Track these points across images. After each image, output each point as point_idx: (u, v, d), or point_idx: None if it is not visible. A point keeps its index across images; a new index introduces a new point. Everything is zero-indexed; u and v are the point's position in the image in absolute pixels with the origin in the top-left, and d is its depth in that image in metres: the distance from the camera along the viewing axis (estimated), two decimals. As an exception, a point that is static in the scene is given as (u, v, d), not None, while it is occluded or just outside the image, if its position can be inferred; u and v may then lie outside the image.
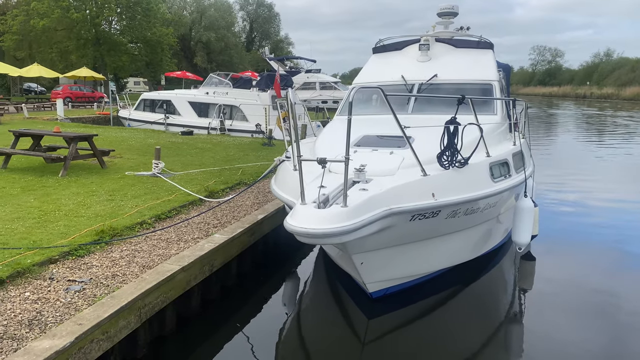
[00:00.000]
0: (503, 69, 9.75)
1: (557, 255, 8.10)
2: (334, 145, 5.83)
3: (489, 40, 9.21)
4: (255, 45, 79.78)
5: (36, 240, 5.58)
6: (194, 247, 5.76)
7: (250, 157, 12.55)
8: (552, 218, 9.81)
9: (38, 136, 10.54)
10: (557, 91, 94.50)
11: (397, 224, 4.93)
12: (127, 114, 22.26)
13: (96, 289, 4.60)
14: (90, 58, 42.83)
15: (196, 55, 66.67)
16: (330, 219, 4.25)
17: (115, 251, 5.60)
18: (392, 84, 8.23)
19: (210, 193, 8.24)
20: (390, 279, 5.87)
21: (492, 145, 6.30)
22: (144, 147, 13.61)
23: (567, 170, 16.13)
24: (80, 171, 9.67)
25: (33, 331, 3.81)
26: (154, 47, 46.83)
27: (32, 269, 4.86)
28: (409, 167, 5.23)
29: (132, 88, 54.77)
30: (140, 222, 6.56)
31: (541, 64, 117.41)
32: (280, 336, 5.43)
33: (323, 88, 37.36)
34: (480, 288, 6.80)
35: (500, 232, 7.63)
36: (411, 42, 9.23)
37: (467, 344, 5.30)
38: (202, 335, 5.35)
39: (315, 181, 4.80)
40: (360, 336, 5.49)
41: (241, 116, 19.15)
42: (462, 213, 5.61)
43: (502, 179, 6.15)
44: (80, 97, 36.32)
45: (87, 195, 7.80)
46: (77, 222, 6.39)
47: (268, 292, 6.55)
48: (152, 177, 9.37)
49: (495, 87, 8.10)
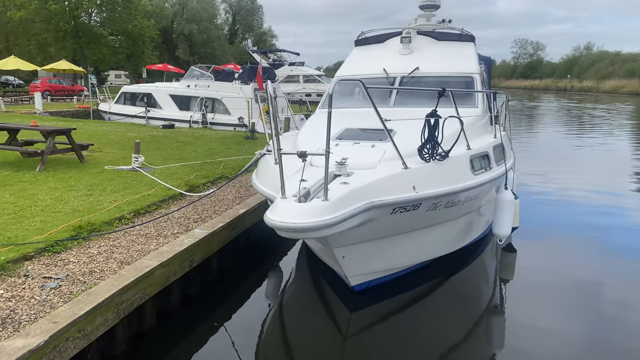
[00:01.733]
0: (484, 61, 9.78)
1: (538, 246, 8.18)
2: (316, 139, 5.79)
3: (470, 33, 9.23)
4: (238, 38, 79.15)
5: (11, 237, 5.45)
6: (173, 243, 5.68)
7: (232, 151, 12.45)
8: (533, 210, 9.90)
9: (14, 130, 10.32)
10: (538, 84, 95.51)
11: (379, 217, 4.92)
12: (107, 107, 21.94)
13: (72, 285, 4.51)
14: (69, 51, 42.06)
15: (178, 48, 65.97)
16: (311, 213, 4.22)
17: (93, 247, 5.50)
18: (374, 76, 8.21)
19: (190, 187, 8.14)
20: (372, 272, 5.87)
21: (473, 138, 6.32)
22: (124, 141, 13.41)
23: (548, 162, 16.32)
24: (58, 166, 9.49)
25: (6, 330, 3.72)
26: (135, 39, 46.15)
27: (6, 266, 4.75)
28: (390, 160, 5.21)
29: (113, 81, 54.02)
30: (119, 217, 6.46)
31: (523, 57, 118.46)
32: (262, 330, 5.40)
33: (307, 81, 37.24)
34: (461, 280, 6.84)
35: (481, 225, 7.68)
36: (393, 34, 9.21)
37: (449, 335, 5.33)
38: (183, 331, 5.29)
39: (296, 175, 4.75)
40: (343, 329, 5.49)
41: (223, 109, 19.00)
42: (443, 206, 5.62)
43: (483, 172, 6.17)
44: (60, 91, 35.68)
45: (65, 190, 7.66)
46: (54, 217, 6.26)
47: (250, 286, 6.50)
48: (132, 171, 9.24)
49: (476, 79, 8.12)
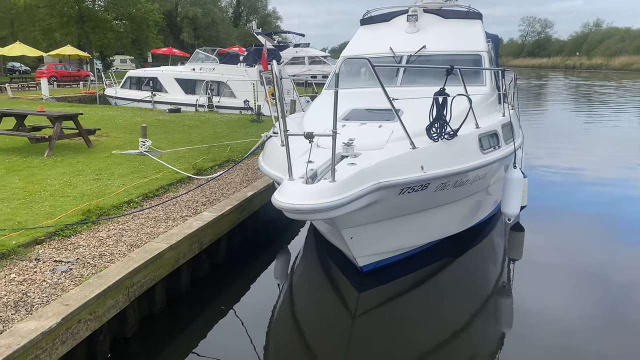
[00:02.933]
0: (492, 39, 9.65)
1: (546, 225, 8.14)
2: (322, 120, 5.75)
3: (477, 11, 9.09)
4: (243, 20, 78.42)
5: (21, 221, 5.50)
6: (182, 225, 5.71)
7: (238, 134, 12.42)
8: (541, 189, 9.85)
9: (21, 116, 10.35)
10: (546, 62, 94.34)
11: (386, 198, 4.90)
12: (113, 92, 21.92)
13: (83, 269, 4.55)
14: (74, 36, 41.85)
15: (183, 31, 65.48)
16: (319, 194, 4.21)
17: (102, 231, 5.54)
18: (380, 55, 8.12)
19: (198, 171, 8.15)
20: (380, 252, 5.87)
21: (481, 117, 6.25)
22: (131, 126, 13.42)
23: (556, 140, 16.19)
24: (66, 151, 9.53)
25: (19, 313, 3.77)
26: (140, 23, 45.83)
27: (18, 250, 4.80)
28: (398, 140, 5.17)
29: (118, 66, 53.83)
30: (128, 201, 6.49)
31: (531, 35, 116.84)
32: (271, 312, 5.43)
33: (312, 62, 36.90)
34: (469, 259, 6.84)
35: (490, 204, 7.65)
36: (399, 13, 9.08)
37: (457, 314, 5.34)
38: (193, 313, 5.34)
39: (303, 156, 4.74)
40: (351, 309, 5.52)
41: (229, 92, 18.93)
42: (452, 185, 5.59)
43: (492, 151, 6.12)
44: (66, 76, 35.71)
45: (73, 175, 7.69)
46: (63, 202, 6.30)
47: (259, 268, 6.54)
48: (139, 155, 9.26)
49: (484, 57, 8.01)
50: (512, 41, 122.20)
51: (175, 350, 4.66)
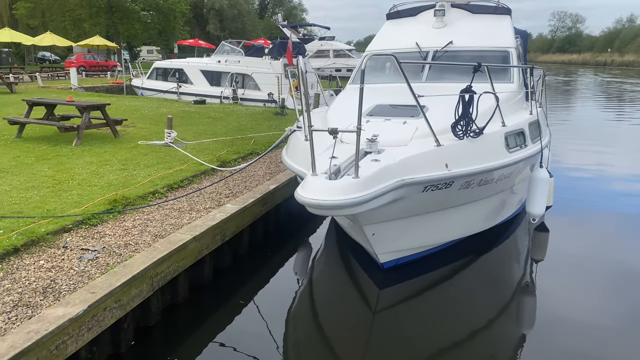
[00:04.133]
0: (520, 35, 9.48)
1: (572, 226, 8.00)
2: (346, 115, 5.74)
3: (506, 6, 8.93)
4: (269, 12, 78.61)
5: (50, 209, 5.64)
6: (205, 217, 5.77)
7: (262, 127, 12.48)
8: (567, 188, 9.67)
9: (51, 105, 10.57)
10: (576, 59, 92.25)
11: (410, 195, 4.88)
12: (140, 82, 22.19)
13: (109, 257, 4.65)
14: (103, 26, 42.50)
15: (209, 23, 65.91)
16: (342, 190, 4.21)
17: (127, 220, 5.64)
18: (406, 51, 8.05)
19: (222, 163, 8.23)
20: (402, 249, 5.85)
21: (508, 115, 6.16)
22: (157, 116, 13.60)
23: (584, 139, 15.85)
24: (93, 140, 9.70)
25: (47, 299, 3.87)
26: (167, 14, 46.30)
27: (47, 238, 4.92)
28: (423, 137, 5.13)
29: (145, 57, 54.51)
30: (153, 191, 6.58)
31: (561, 30, 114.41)
32: (291, 305, 5.48)
33: (337, 56, 36.81)
34: (492, 259, 6.76)
35: (514, 203, 7.55)
36: (426, 7, 8.98)
37: (479, 314, 5.29)
38: (215, 304, 5.41)
39: (327, 152, 4.74)
40: (372, 306, 5.52)
41: (253, 85, 19.00)
42: (476, 184, 5.53)
43: (518, 149, 6.03)
44: (94, 66, 36.27)
45: (100, 164, 7.84)
46: (90, 191, 6.43)
47: (279, 261, 6.58)
48: (165, 146, 9.38)
49: (512, 54, 7.88)
50: (541, 36, 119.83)
51: (197, 340, 4.73)
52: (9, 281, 4.12)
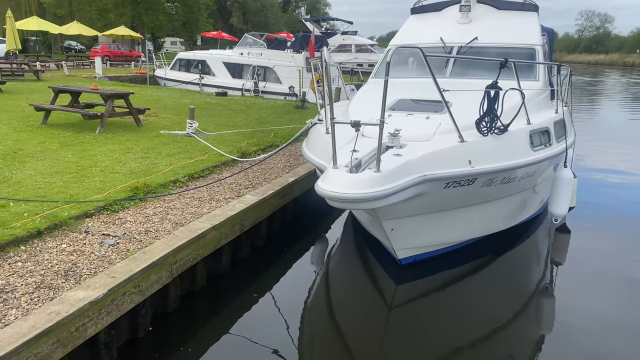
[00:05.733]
0: (547, 33, 9.31)
1: (594, 228, 7.84)
2: (368, 109, 5.71)
3: (533, 2, 8.77)
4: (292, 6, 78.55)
5: (73, 195, 5.72)
6: (225, 207, 5.80)
7: (283, 120, 12.50)
8: (591, 190, 9.50)
9: (76, 93, 10.72)
10: (603, 59, 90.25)
11: (431, 191, 4.83)
12: (163, 73, 22.39)
13: (129, 243, 4.70)
14: (128, 17, 42.89)
15: (232, 16, 66.14)
16: (363, 184, 4.18)
17: (148, 208, 5.70)
18: (430, 45, 7.96)
19: (242, 154, 8.26)
20: (421, 246, 5.81)
21: (533, 113, 6.06)
22: (179, 107, 13.70)
23: (609, 139, 15.54)
24: (116, 128, 9.82)
25: (68, 282, 3.93)
26: (191, 6, 46.59)
27: (69, 222, 4.99)
28: (446, 132, 5.08)
29: (168, 48, 54.93)
30: (174, 180, 6.64)
31: (588, 30, 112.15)
32: (307, 297, 5.48)
33: (359, 51, 36.64)
34: (511, 259, 6.68)
35: (536, 203, 7.43)
36: (451, 2, 8.87)
37: (496, 315, 5.23)
38: (232, 293, 5.44)
39: (348, 145, 4.72)
40: (388, 301, 5.49)
41: (274, 78, 19.03)
42: (499, 182, 5.46)
43: (542, 148, 5.93)
44: (118, 56, 36.70)
45: (123, 152, 7.93)
46: (112, 178, 6.51)
47: (296, 254, 6.59)
48: (186, 136, 9.45)
49: (538, 51, 7.74)
50: (568, 35, 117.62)
51: (213, 329, 4.77)
52: (32, 263, 4.19)
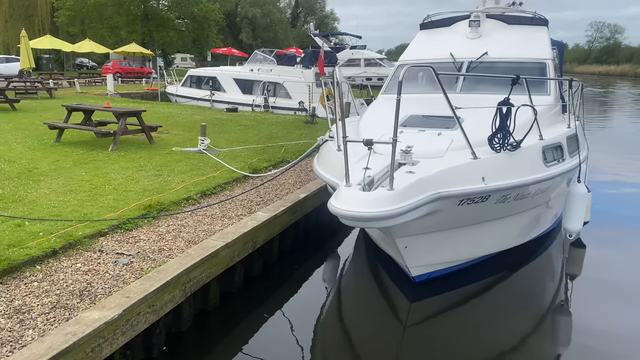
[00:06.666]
0: (557, 46, 9.29)
1: (609, 243, 7.75)
2: (379, 126, 5.71)
3: (543, 17, 8.77)
4: (300, 21, 79.23)
5: (87, 213, 5.76)
6: (237, 224, 5.81)
7: (293, 135, 12.54)
8: (605, 204, 9.40)
9: (89, 111, 10.85)
10: (614, 70, 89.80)
11: (445, 209, 4.81)
12: (174, 90, 22.62)
13: (143, 262, 4.72)
14: (139, 34, 43.57)
15: (242, 32, 66.81)
16: (376, 202, 4.17)
17: (162, 226, 5.72)
18: (440, 61, 7.97)
19: (254, 170, 8.28)
20: (435, 263, 5.77)
21: (545, 128, 6.04)
22: (190, 124, 13.81)
23: (623, 153, 15.39)
24: (129, 146, 9.91)
25: (84, 302, 3.94)
26: (201, 23, 47.21)
27: (83, 241, 5.03)
28: (458, 149, 5.07)
29: (179, 64, 55.56)
30: (186, 197, 6.67)
31: (598, 41, 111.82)
32: (320, 315, 5.45)
33: (368, 65, 36.76)
34: (526, 275, 6.60)
35: (550, 218, 7.37)
36: (461, 18, 8.90)
37: (512, 331, 5.17)
38: (244, 311, 5.43)
39: (360, 162, 4.72)
40: (402, 319, 5.44)
41: (284, 93, 19.15)
42: (512, 198, 5.42)
43: (555, 164, 5.89)
44: (130, 73, 37.18)
45: (136, 170, 7.99)
46: (125, 196, 6.55)
47: (309, 270, 6.57)
48: (198, 153, 9.51)
49: (549, 66, 7.73)
50: (578, 47, 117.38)
51: (226, 347, 4.76)
52: (48, 283, 4.22)
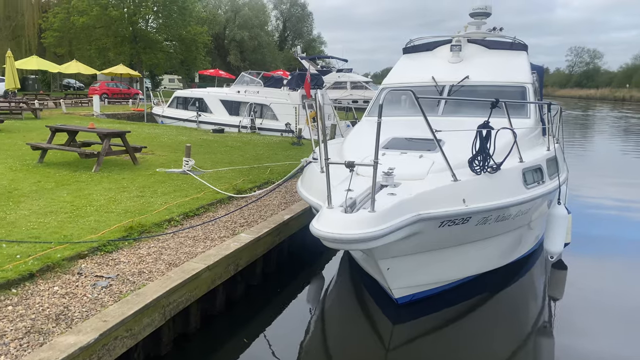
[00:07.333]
0: (537, 71, 9.50)
1: (590, 264, 7.83)
2: (362, 148, 5.76)
3: (522, 42, 8.98)
4: (288, 44, 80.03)
5: (67, 235, 5.69)
6: (220, 246, 5.77)
7: (279, 156, 12.57)
8: (586, 225, 9.50)
9: (73, 132, 10.79)
10: (594, 94, 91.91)
11: (426, 230, 4.83)
12: (160, 111, 22.62)
13: (122, 285, 4.65)
14: (127, 55, 43.67)
15: (230, 54, 67.28)
16: (358, 224, 4.18)
17: (143, 248, 5.66)
18: (422, 85, 8.10)
19: (238, 192, 8.27)
20: (417, 285, 5.76)
21: (525, 150, 6.13)
22: (176, 144, 13.79)
23: (602, 174, 15.64)
24: (112, 167, 9.85)
25: (59, 326, 3.87)
26: (189, 45, 47.49)
27: (62, 264, 4.95)
28: (439, 171, 5.12)
29: (166, 85, 55.70)
30: (169, 219, 6.62)
31: (578, 66, 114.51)
32: (303, 338, 5.40)
33: (354, 87, 37.22)
34: (509, 296, 6.63)
35: (531, 240, 7.43)
36: (442, 42, 9.08)
37: (495, 353, 5.17)
38: (226, 334, 5.36)
39: (343, 184, 4.74)
40: (385, 341, 5.41)
41: (271, 115, 19.25)
42: (493, 220, 5.47)
43: (535, 186, 5.97)
44: (116, 94, 37.15)
45: (118, 191, 7.93)
46: (107, 217, 6.49)
47: (292, 292, 6.53)
48: (182, 174, 9.47)
49: (528, 89, 7.88)
50: (559, 71, 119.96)
51: (207, 372, 4.68)
52: (23, 307, 4.13)
